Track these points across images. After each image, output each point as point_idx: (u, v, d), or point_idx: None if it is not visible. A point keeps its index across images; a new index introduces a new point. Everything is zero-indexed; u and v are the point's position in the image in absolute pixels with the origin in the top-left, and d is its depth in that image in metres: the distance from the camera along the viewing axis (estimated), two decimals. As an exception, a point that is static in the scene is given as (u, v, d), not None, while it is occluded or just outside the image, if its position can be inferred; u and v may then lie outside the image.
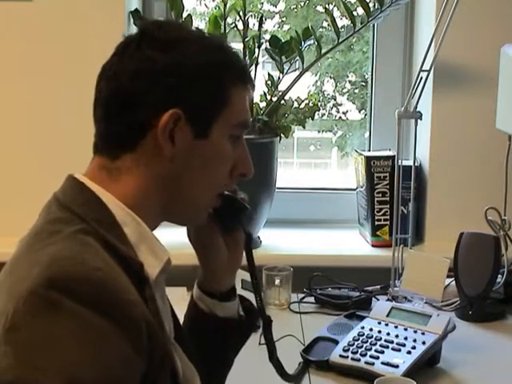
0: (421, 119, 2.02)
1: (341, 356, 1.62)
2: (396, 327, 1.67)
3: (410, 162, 2.08)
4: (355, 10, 2.31)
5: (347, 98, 2.67)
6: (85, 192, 1.05)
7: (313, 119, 2.24)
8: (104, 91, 1.08)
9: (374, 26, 2.39)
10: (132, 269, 1.00)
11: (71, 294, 0.90)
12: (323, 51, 2.18)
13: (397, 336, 1.64)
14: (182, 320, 1.26)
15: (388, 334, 1.66)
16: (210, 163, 1.10)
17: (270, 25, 2.58)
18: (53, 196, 1.08)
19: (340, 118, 2.68)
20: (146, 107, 1.05)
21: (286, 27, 2.62)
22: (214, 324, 1.26)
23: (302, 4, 2.63)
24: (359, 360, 1.60)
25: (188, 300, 1.31)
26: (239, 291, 1.33)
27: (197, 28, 1.19)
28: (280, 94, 2.20)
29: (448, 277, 1.88)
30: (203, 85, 1.07)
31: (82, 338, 0.89)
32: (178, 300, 1.30)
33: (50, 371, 0.86)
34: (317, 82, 2.64)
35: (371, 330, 1.68)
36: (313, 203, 2.47)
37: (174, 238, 1.26)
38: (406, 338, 1.63)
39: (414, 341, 1.62)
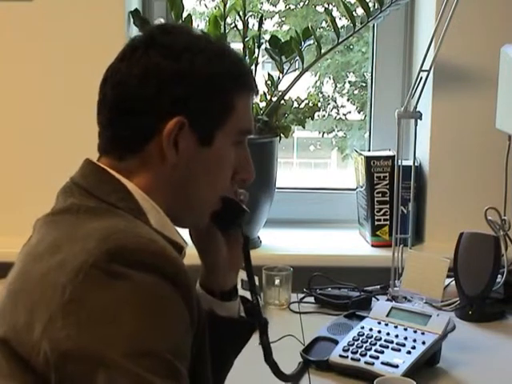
0: (420, 119, 2.02)
1: (341, 356, 1.61)
2: (396, 327, 1.67)
3: (409, 162, 2.08)
4: (355, 10, 2.31)
5: (347, 99, 2.67)
6: (110, 179, 1.06)
7: (313, 119, 2.24)
8: (110, 96, 1.08)
9: (373, 26, 2.39)
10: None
11: (133, 264, 0.92)
12: (323, 51, 2.18)
13: (397, 336, 1.64)
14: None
15: (388, 333, 1.65)
16: (213, 170, 1.11)
17: (269, 25, 2.57)
18: (71, 181, 1.09)
19: (340, 118, 2.67)
20: (152, 114, 1.06)
21: (285, 27, 2.62)
22: (213, 322, 1.26)
23: (302, 4, 2.63)
24: (359, 360, 1.59)
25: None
26: (239, 291, 1.33)
27: (203, 32, 1.19)
28: (280, 94, 2.19)
29: (448, 277, 1.88)
30: (209, 94, 1.08)
31: (150, 307, 0.91)
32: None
33: (116, 341, 0.87)
34: (316, 82, 2.64)
35: (371, 329, 1.68)
36: (313, 203, 2.47)
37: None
38: (405, 338, 1.63)
39: (414, 341, 1.62)
